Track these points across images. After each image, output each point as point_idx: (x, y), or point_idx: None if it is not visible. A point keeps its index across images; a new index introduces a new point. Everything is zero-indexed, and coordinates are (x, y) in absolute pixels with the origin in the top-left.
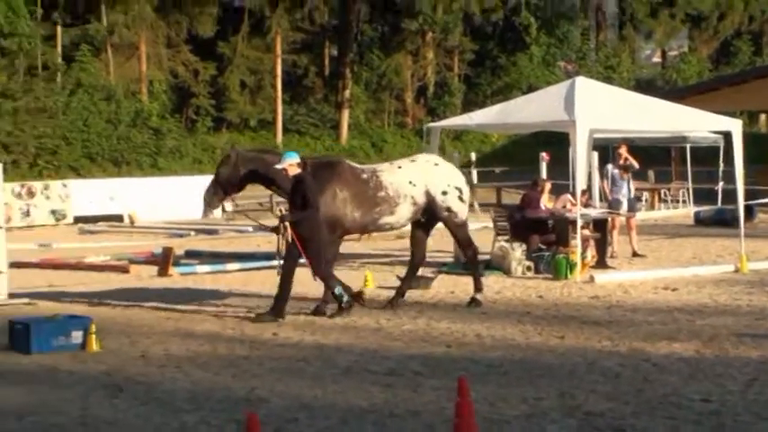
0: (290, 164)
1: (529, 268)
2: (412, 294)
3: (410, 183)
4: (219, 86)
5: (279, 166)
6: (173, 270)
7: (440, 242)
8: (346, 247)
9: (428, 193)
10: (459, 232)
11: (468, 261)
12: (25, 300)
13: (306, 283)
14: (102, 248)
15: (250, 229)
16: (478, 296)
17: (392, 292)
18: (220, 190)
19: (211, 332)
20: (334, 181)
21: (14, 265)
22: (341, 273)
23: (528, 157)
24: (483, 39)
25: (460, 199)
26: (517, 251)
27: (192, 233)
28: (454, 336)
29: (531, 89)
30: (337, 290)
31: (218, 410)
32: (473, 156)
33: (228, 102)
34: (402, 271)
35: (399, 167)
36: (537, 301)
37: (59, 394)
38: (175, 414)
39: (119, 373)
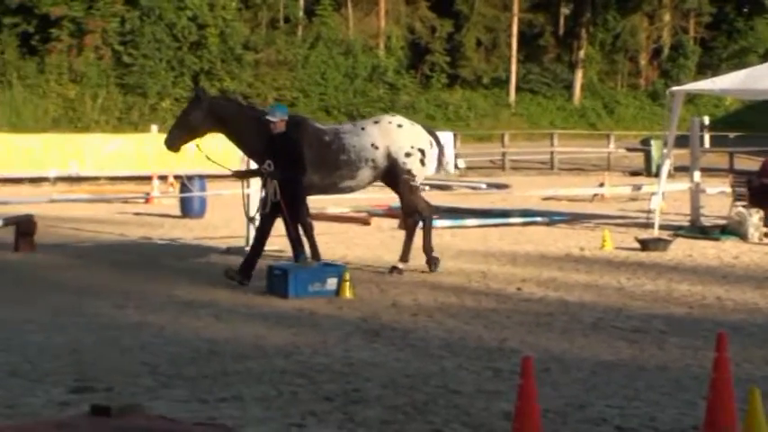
0: (282, 119)
1: (766, 234)
2: (650, 256)
3: (373, 145)
4: (455, 43)
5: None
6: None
7: (674, 206)
8: (580, 207)
9: (389, 156)
10: (407, 197)
11: (406, 229)
12: (276, 247)
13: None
14: (342, 200)
15: (483, 186)
16: (401, 265)
17: (624, 252)
18: (185, 134)
19: (457, 285)
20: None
21: None
22: (577, 233)
23: (763, 123)
24: (720, 1)
25: (422, 162)
26: (754, 217)
27: (426, 188)
28: (694, 298)
29: None
30: (301, 257)
31: (474, 358)
32: (706, 120)
33: (463, 59)
34: (639, 233)
35: (363, 129)
36: None
37: (320, 337)
38: (433, 359)
39: (373, 320)
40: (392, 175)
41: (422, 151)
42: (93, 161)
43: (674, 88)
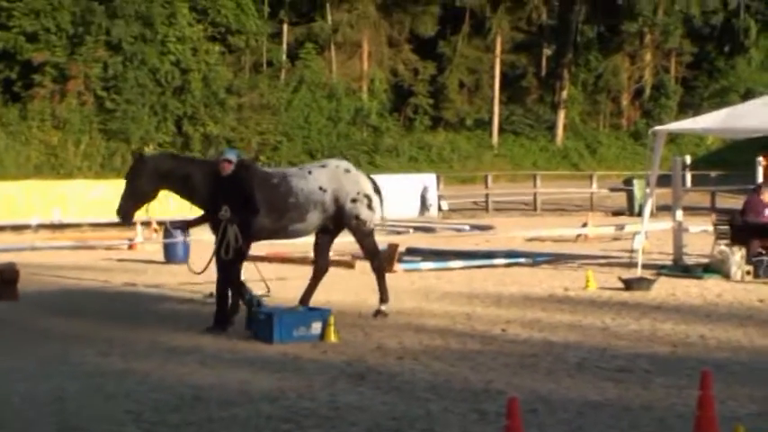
0: (231, 161)
1: (749, 272)
2: (634, 296)
3: (320, 189)
4: (438, 85)
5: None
6: (397, 266)
7: (657, 245)
8: (564, 247)
9: (337, 200)
10: (365, 241)
11: (375, 271)
12: (261, 291)
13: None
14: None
15: (467, 227)
16: (383, 307)
17: (608, 292)
18: (137, 201)
19: (442, 327)
20: None
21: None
22: (561, 273)
23: (743, 161)
24: (701, 41)
25: (369, 207)
26: (737, 255)
27: (411, 231)
28: (678, 336)
29: (748, 93)
30: (247, 296)
31: (459, 400)
32: (688, 159)
33: (446, 101)
34: (622, 273)
35: (309, 173)
36: (758, 305)
37: (306, 381)
38: (418, 402)
39: (359, 363)
40: (340, 219)
41: (367, 197)
42: (76, 208)
43: (657, 128)
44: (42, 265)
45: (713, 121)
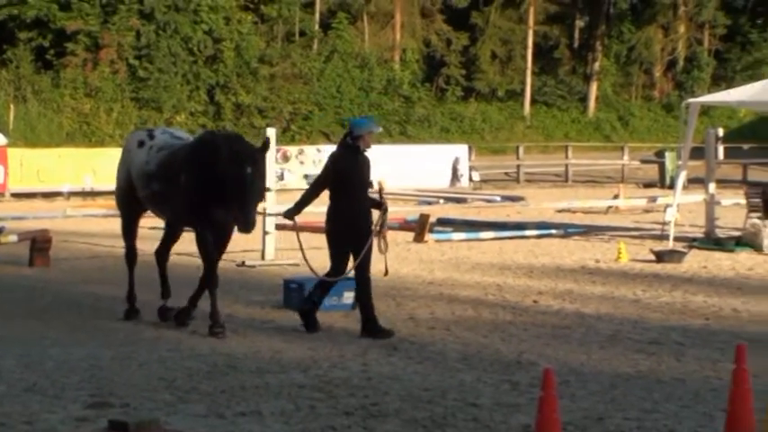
0: None
1: None
2: (666, 268)
3: None
4: (470, 56)
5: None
6: (428, 236)
7: (689, 218)
8: (595, 219)
9: None
10: None
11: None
12: (291, 261)
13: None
14: None
15: (498, 198)
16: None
17: (639, 264)
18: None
19: (473, 298)
20: None
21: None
22: (592, 245)
23: None
24: (735, 13)
25: None
26: None
27: (441, 201)
28: (711, 309)
29: None
30: None
31: (492, 371)
32: (720, 131)
33: (478, 72)
34: (654, 245)
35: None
36: None
37: (338, 351)
38: (450, 372)
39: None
40: None
41: None
42: (107, 176)
43: (690, 100)
44: (74, 232)
45: (746, 94)
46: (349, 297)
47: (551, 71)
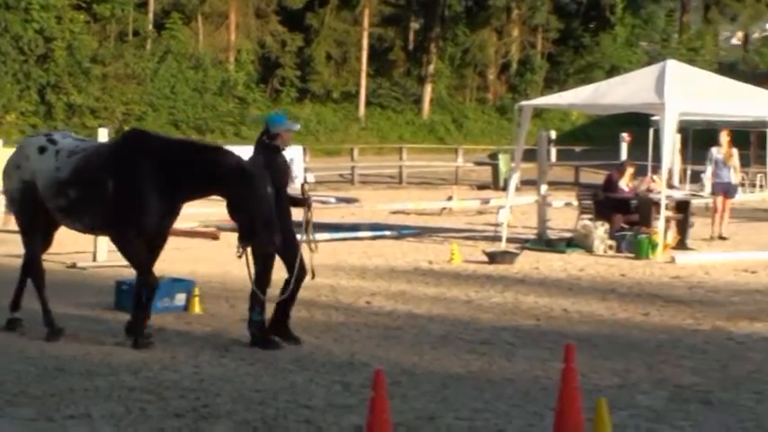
0: None
1: (611, 247)
2: (498, 269)
3: None
4: (305, 57)
5: None
6: None
7: (521, 219)
8: (429, 220)
9: None
10: None
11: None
12: (123, 262)
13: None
14: (191, 215)
15: (332, 200)
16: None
17: (472, 265)
18: None
19: (306, 299)
20: None
21: None
22: (426, 246)
23: (607, 137)
24: (567, 17)
25: None
26: (600, 230)
27: None
28: (541, 310)
29: (613, 69)
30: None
31: (324, 372)
32: (553, 134)
33: (313, 73)
34: (486, 246)
35: None
36: (620, 280)
37: (170, 353)
38: (283, 374)
39: (223, 335)
40: None
41: None
42: None
43: (523, 103)
44: None
45: (578, 97)
46: (181, 299)
47: (386, 73)
